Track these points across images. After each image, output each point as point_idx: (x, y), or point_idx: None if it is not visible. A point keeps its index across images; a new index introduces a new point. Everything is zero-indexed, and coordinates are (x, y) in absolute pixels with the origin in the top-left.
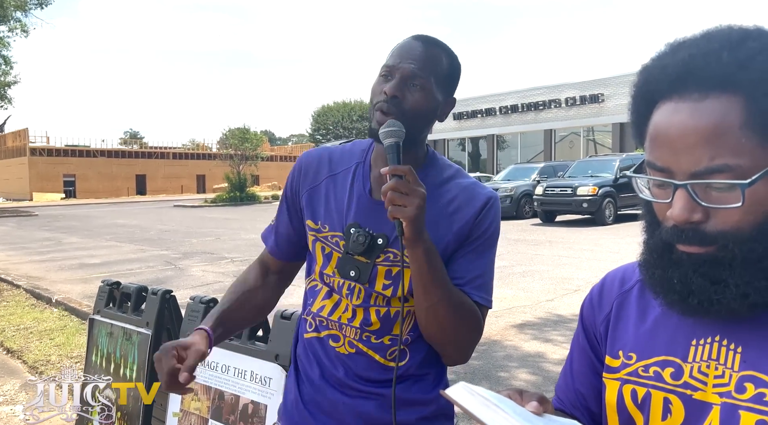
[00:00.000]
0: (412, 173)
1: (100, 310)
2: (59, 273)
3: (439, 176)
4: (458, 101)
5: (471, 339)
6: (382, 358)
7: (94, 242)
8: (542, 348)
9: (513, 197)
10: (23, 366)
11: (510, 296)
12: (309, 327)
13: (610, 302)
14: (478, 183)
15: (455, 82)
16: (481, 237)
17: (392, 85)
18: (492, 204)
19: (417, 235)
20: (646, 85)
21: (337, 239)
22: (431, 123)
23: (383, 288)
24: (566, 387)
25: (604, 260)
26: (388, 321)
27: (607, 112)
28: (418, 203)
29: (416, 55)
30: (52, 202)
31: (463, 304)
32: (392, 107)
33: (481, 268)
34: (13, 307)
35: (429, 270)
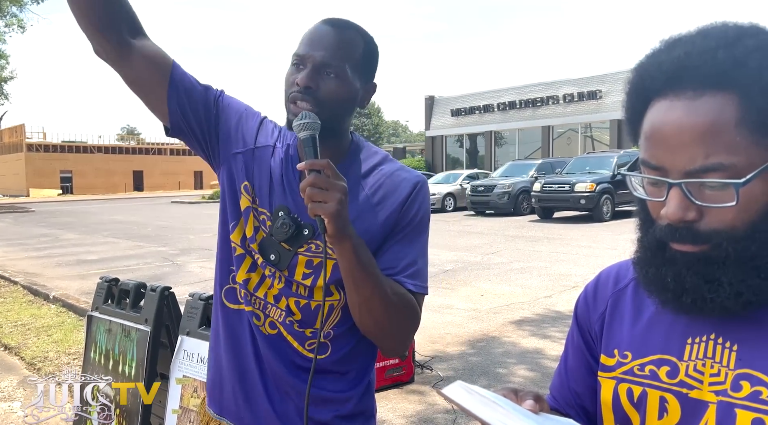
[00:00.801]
0: (331, 167)
1: (99, 307)
2: (57, 270)
3: (365, 164)
4: (455, 98)
5: (409, 328)
6: (300, 347)
7: (92, 238)
8: (540, 345)
9: (511, 194)
10: (21, 363)
11: (508, 292)
12: (240, 296)
13: (605, 300)
14: (405, 168)
15: (373, 66)
16: (410, 224)
17: (304, 75)
18: (419, 189)
19: (341, 231)
20: (641, 82)
21: (265, 217)
22: (351, 111)
23: (303, 278)
24: (561, 386)
25: (601, 256)
26: (309, 313)
27: (604, 108)
28: (339, 198)
29: (328, 42)
30: (49, 198)
31: (397, 295)
32: (306, 97)
33: (413, 256)
34: (10, 304)
35: (358, 266)
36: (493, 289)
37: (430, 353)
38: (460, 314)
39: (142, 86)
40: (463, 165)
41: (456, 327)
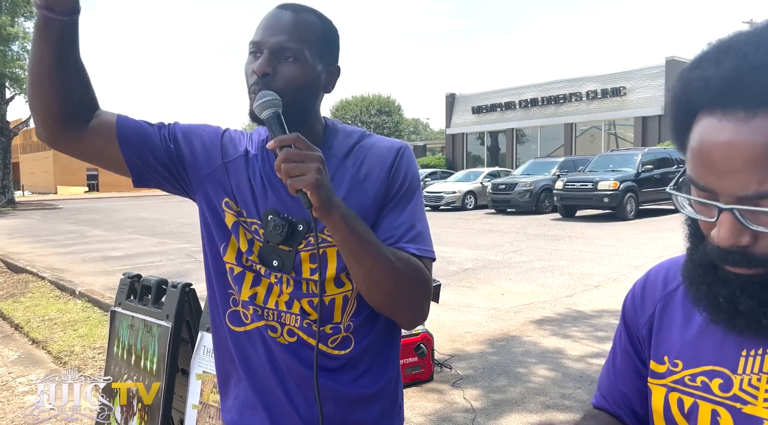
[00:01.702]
0: (301, 139)
1: (122, 303)
2: (83, 266)
3: (344, 145)
4: (477, 95)
5: (421, 295)
6: (324, 346)
7: (117, 235)
8: (561, 345)
9: (532, 192)
10: (48, 357)
11: (529, 291)
12: (244, 318)
13: (654, 303)
14: (383, 138)
15: (334, 48)
16: (400, 191)
17: (261, 62)
18: (401, 154)
19: (326, 201)
20: (686, 95)
21: (256, 227)
22: (316, 95)
23: (311, 274)
24: (609, 385)
25: (625, 256)
26: (324, 309)
27: (629, 105)
28: (316, 167)
29: (284, 26)
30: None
31: (402, 260)
32: (265, 86)
33: (409, 220)
34: (38, 298)
35: (352, 236)
36: (513, 288)
37: (449, 351)
38: (480, 313)
39: (95, 157)
40: (484, 163)
41: (476, 326)
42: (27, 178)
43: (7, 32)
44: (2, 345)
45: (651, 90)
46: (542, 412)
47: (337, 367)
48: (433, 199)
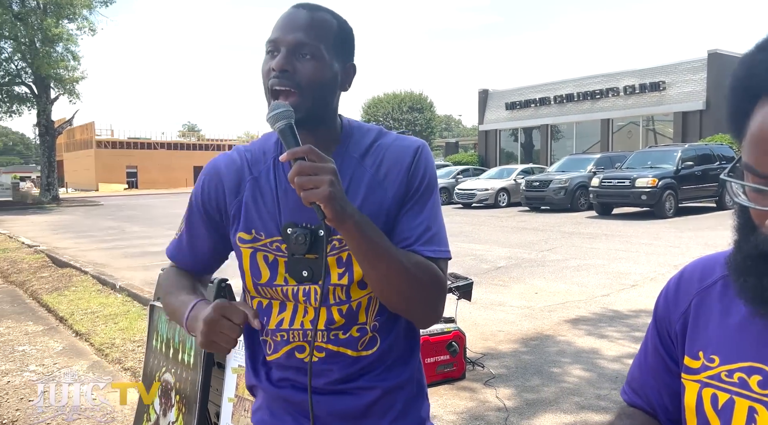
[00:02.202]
0: (314, 151)
1: (160, 297)
2: (123, 261)
3: (361, 145)
4: (510, 91)
5: (435, 296)
6: (354, 351)
7: (155, 231)
8: (597, 345)
9: (567, 189)
10: (90, 349)
11: (563, 290)
12: (268, 349)
13: (689, 298)
14: (401, 137)
15: (350, 47)
16: (418, 191)
17: (279, 58)
18: (420, 153)
19: (340, 212)
20: (749, 80)
21: (278, 244)
22: (333, 93)
23: (339, 278)
24: (641, 382)
25: (663, 255)
26: (351, 314)
27: (668, 100)
28: (329, 179)
29: (301, 24)
30: (116, 192)
31: (416, 264)
32: (285, 82)
33: (426, 221)
34: (81, 292)
35: (366, 243)
36: (547, 287)
37: (481, 350)
38: (513, 312)
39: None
40: (517, 159)
41: (509, 325)
42: (70, 175)
43: (52, 34)
44: (48, 336)
45: (692, 84)
46: (577, 413)
47: (366, 366)
48: (466, 197)
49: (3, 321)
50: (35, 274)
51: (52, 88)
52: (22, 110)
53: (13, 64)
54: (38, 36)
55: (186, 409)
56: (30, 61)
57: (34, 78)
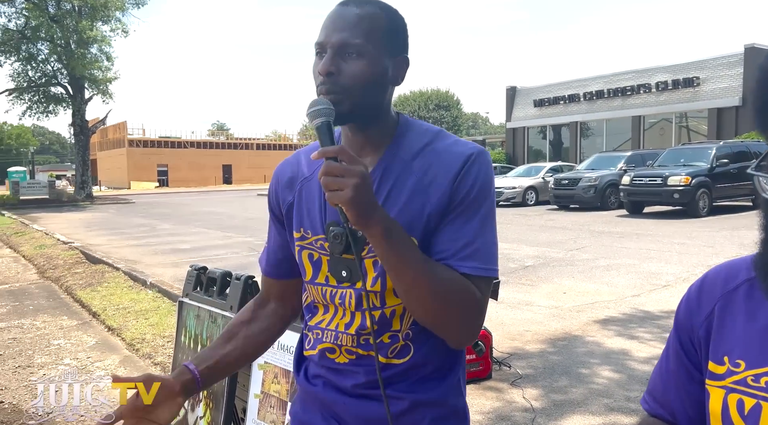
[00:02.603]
0: (345, 151)
1: (189, 294)
2: (153, 257)
3: (413, 147)
4: (539, 88)
5: (467, 317)
6: (383, 357)
7: (185, 228)
8: (627, 346)
9: (597, 187)
10: (122, 344)
11: (593, 290)
12: (308, 343)
13: (712, 302)
14: (459, 141)
15: (401, 39)
16: (464, 201)
17: (324, 61)
18: (473, 160)
19: (364, 218)
20: None
21: (321, 242)
22: (384, 89)
23: (372, 283)
24: (663, 391)
25: (696, 254)
26: (384, 321)
27: (702, 96)
28: (355, 183)
29: (347, 22)
30: (147, 190)
31: (448, 280)
32: (331, 86)
33: (468, 235)
34: (113, 288)
35: (392, 252)
36: (576, 287)
37: (508, 350)
38: (541, 311)
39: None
40: (546, 157)
41: (536, 325)
42: (103, 173)
43: (87, 36)
44: (81, 331)
45: (728, 80)
46: (606, 415)
47: (397, 375)
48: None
49: (39, 316)
50: (70, 270)
51: (86, 88)
52: (57, 110)
53: (49, 66)
54: (73, 38)
55: (213, 404)
56: (65, 62)
57: (69, 79)
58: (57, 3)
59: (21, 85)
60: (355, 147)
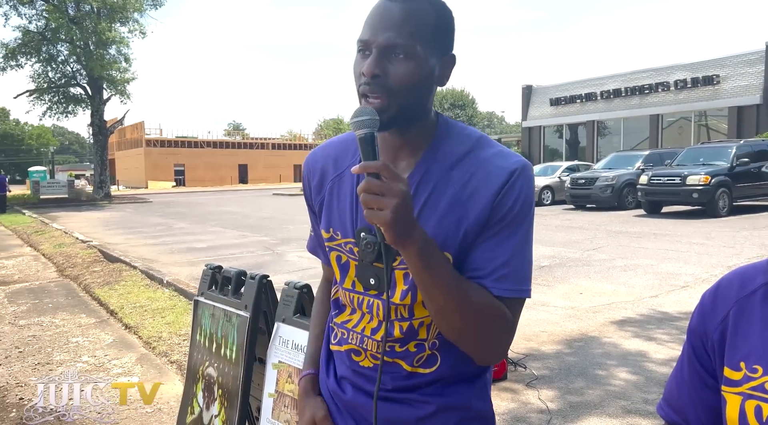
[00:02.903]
0: (388, 168)
1: (204, 292)
2: (170, 256)
3: (453, 153)
4: (555, 86)
5: (496, 338)
6: (409, 366)
7: (201, 228)
8: (645, 347)
9: (614, 187)
10: (139, 342)
11: (609, 291)
12: (333, 338)
13: (727, 307)
14: (504, 152)
15: (449, 37)
16: (504, 220)
17: (370, 62)
18: (517, 176)
19: (399, 238)
20: None
21: (351, 246)
22: (429, 91)
23: (402, 297)
24: (679, 398)
25: (716, 255)
26: (412, 331)
27: (722, 94)
28: (395, 204)
29: (393, 20)
30: (164, 189)
31: (480, 302)
32: (376, 88)
33: (505, 255)
34: (130, 286)
35: (426, 272)
36: (593, 287)
37: (524, 351)
38: (557, 312)
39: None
40: (562, 156)
41: (552, 326)
42: (121, 173)
43: (105, 37)
44: (99, 329)
45: (748, 77)
46: (623, 417)
47: (424, 383)
48: None
49: (59, 313)
50: (88, 268)
51: (104, 89)
52: (77, 111)
53: (69, 67)
54: (92, 39)
55: (228, 403)
56: (84, 63)
57: (88, 79)
58: (76, 5)
59: (41, 85)
60: (392, 149)
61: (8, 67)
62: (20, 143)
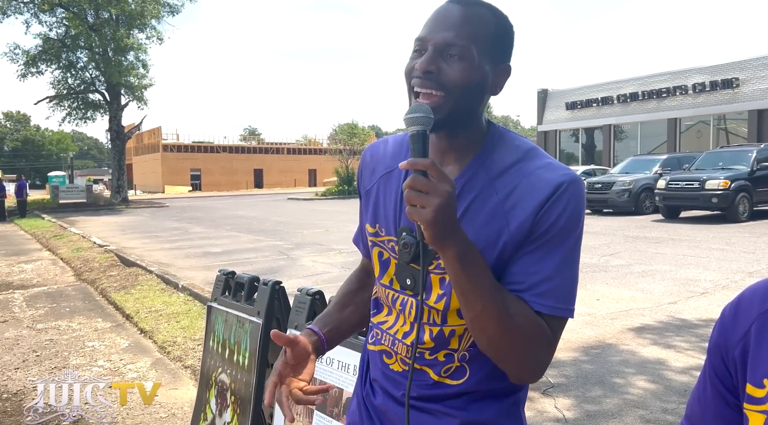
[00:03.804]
0: (435, 167)
1: (217, 298)
2: (186, 261)
3: (500, 163)
4: (571, 90)
5: (534, 355)
6: (436, 375)
7: (216, 232)
8: (663, 355)
9: (632, 191)
10: (154, 346)
11: (627, 297)
12: (371, 337)
13: (748, 322)
14: (552, 165)
15: (507, 47)
16: (548, 233)
17: (424, 58)
18: (564, 190)
19: (438, 239)
20: None
21: (393, 244)
22: (481, 97)
23: (436, 300)
24: (701, 417)
25: (736, 261)
26: (442, 339)
27: (742, 97)
28: (438, 203)
29: (452, 21)
30: (181, 194)
31: (519, 316)
32: (427, 83)
33: (547, 270)
34: (146, 291)
35: (464, 277)
36: (610, 293)
37: None
38: (574, 318)
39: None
40: (578, 160)
41: (568, 332)
42: (138, 178)
43: (124, 44)
44: (115, 333)
45: None
46: None
47: (450, 395)
48: None
49: (75, 318)
50: (105, 273)
51: (122, 95)
52: (95, 116)
53: (87, 73)
54: (111, 46)
55: (241, 410)
56: (103, 69)
57: (106, 86)
58: (96, 12)
59: (61, 92)
60: (439, 152)
61: (29, 73)
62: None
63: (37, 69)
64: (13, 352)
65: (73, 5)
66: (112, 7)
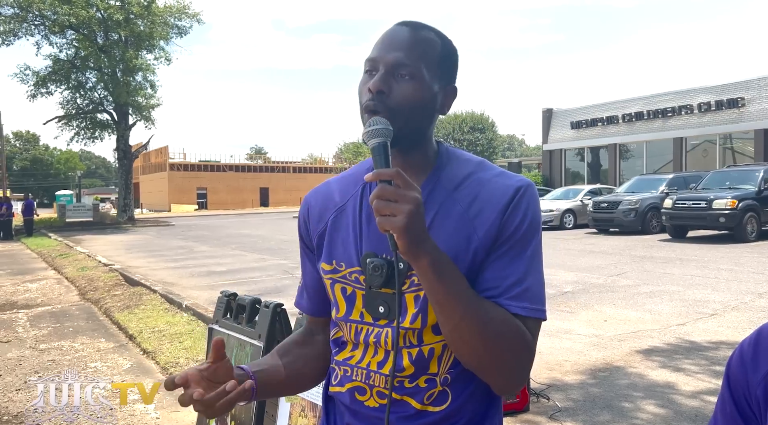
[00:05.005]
0: (401, 176)
1: (218, 320)
2: (190, 280)
3: (456, 176)
4: (576, 109)
5: (517, 360)
6: (419, 403)
7: (222, 251)
8: (672, 378)
9: (638, 210)
10: (156, 367)
11: (635, 318)
12: (334, 379)
13: None
14: (505, 173)
15: (452, 68)
16: (513, 237)
17: (376, 79)
18: (522, 194)
19: (414, 247)
20: None
21: (356, 275)
22: (431, 116)
23: (412, 320)
24: None
25: (746, 282)
26: (422, 362)
27: (748, 117)
28: (409, 210)
29: (401, 42)
30: (187, 212)
31: (498, 320)
32: (379, 104)
33: (518, 273)
34: (150, 310)
35: (440, 286)
36: (617, 314)
37: (546, 381)
38: (581, 340)
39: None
40: (584, 180)
41: (576, 354)
42: (145, 197)
43: (132, 64)
44: (118, 354)
45: None
46: None
47: (432, 423)
48: None
49: (78, 337)
50: (109, 292)
51: (130, 114)
52: (103, 135)
53: (96, 93)
54: (119, 66)
55: None
56: (111, 90)
57: (114, 106)
58: (105, 34)
59: (69, 112)
60: None
61: (39, 94)
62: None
63: (47, 89)
64: (15, 373)
65: (83, 27)
66: (122, 29)
